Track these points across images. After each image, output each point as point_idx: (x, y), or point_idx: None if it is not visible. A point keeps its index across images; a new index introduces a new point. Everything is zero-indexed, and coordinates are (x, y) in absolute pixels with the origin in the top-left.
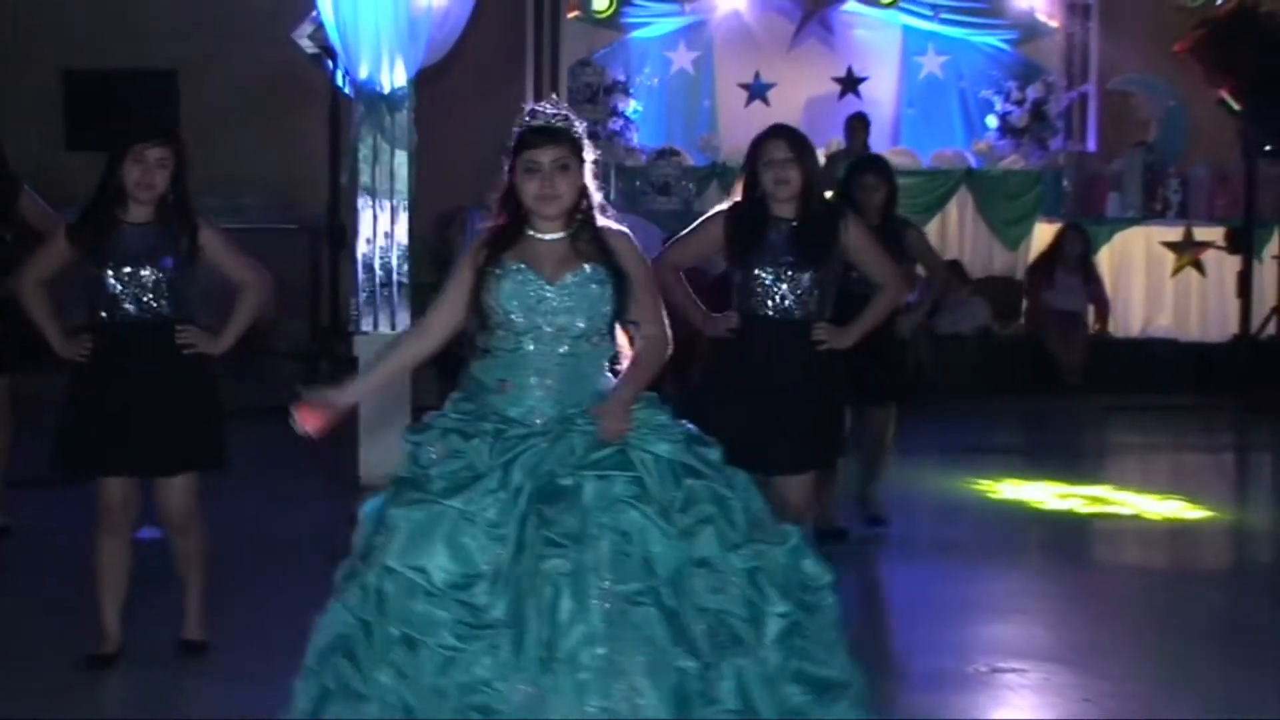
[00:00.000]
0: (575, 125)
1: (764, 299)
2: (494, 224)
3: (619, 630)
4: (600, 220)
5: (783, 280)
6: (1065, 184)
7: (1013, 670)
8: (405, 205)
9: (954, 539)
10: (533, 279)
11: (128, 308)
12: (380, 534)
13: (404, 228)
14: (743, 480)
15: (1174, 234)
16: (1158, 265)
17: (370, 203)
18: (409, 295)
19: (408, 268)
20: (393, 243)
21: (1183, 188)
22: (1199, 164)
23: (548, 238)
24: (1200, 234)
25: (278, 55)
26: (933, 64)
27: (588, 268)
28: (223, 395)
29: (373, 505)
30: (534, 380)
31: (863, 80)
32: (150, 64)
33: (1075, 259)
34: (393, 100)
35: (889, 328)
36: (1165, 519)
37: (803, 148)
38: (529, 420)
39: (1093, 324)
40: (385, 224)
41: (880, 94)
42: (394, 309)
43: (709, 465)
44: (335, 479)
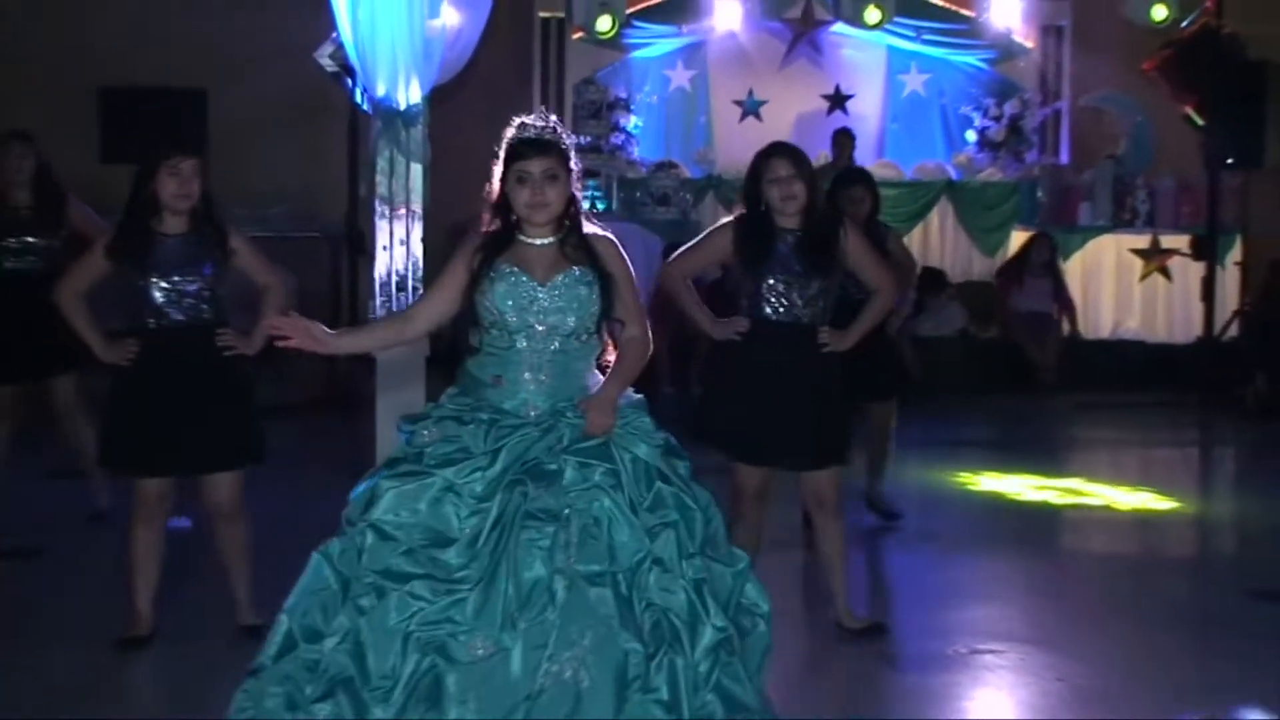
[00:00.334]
0: (563, 137)
1: (775, 306)
2: (487, 230)
3: (576, 605)
4: (586, 226)
5: (793, 288)
6: (1040, 194)
7: (991, 651)
8: (420, 215)
9: (936, 529)
10: (525, 281)
11: (174, 314)
12: (372, 505)
13: (418, 236)
14: (706, 498)
15: (1142, 241)
16: (1126, 271)
17: (387, 212)
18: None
19: (422, 273)
20: (408, 250)
21: (1150, 198)
22: (1165, 176)
23: (538, 243)
24: (1166, 241)
25: (300, 74)
26: (915, 82)
27: (576, 270)
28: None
29: (364, 484)
30: (527, 376)
31: (850, 97)
32: (182, 83)
33: (1042, 264)
34: (408, 116)
35: (883, 328)
36: (1134, 510)
37: (803, 163)
38: (522, 412)
39: (1065, 326)
40: (401, 232)
41: (866, 110)
42: None
43: (678, 476)
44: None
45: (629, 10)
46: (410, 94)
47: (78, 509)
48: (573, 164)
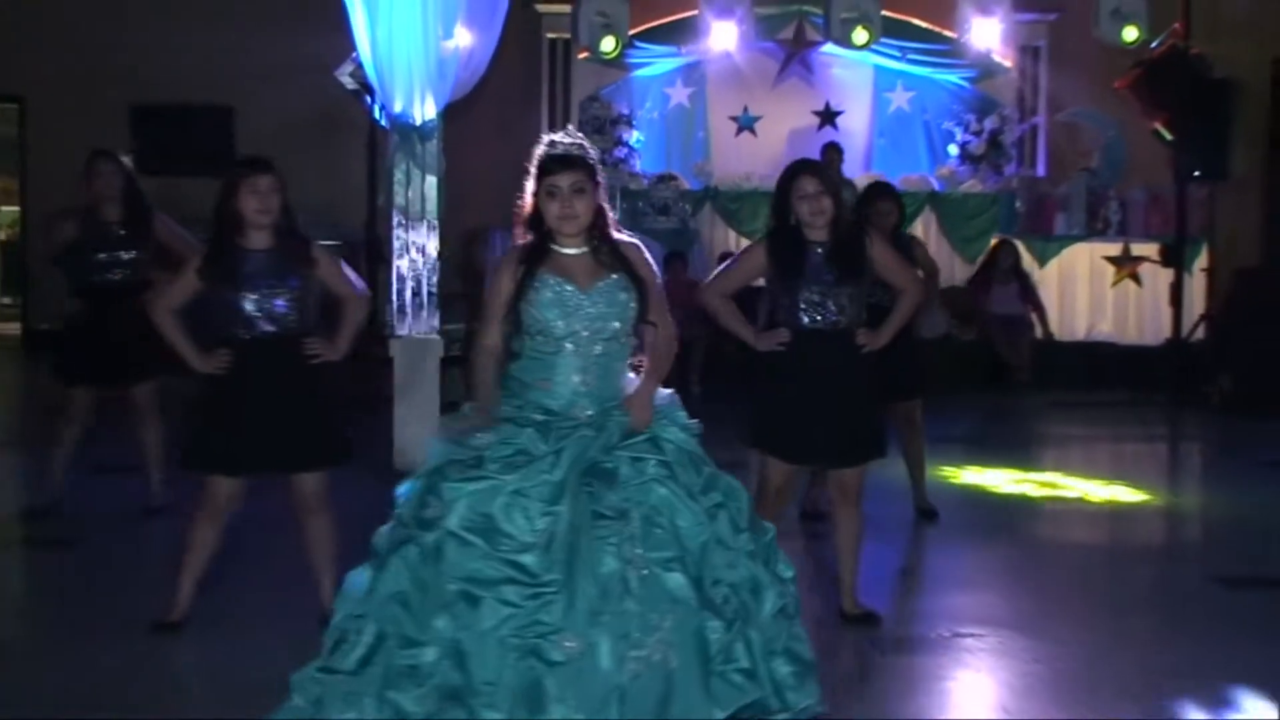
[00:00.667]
0: (589, 153)
1: (813, 314)
2: (522, 243)
3: (653, 591)
4: (614, 234)
5: (829, 296)
6: (1018, 205)
7: (971, 635)
8: (434, 224)
9: (921, 519)
10: (569, 290)
11: (263, 325)
12: (431, 506)
13: (433, 244)
14: (733, 479)
15: (1114, 249)
16: (1099, 277)
17: (404, 222)
18: (438, 303)
19: (436, 279)
20: (424, 257)
21: (1122, 208)
22: (1136, 187)
23: (572, 252)
24: (1137, 249)
25: (322, 92)
26: (901, 99)
27: (614, 276)
28: None
29: (411, 484)
30: (576, 379)
31: (839, 114)
32: (210, 100)
33: (1008, 269)
34: (423, 131)
35: (910, 328)
36: (1107, 501)
37: (828, 179)
38: (572, 413)
39: (1039, 329)
40: (417, 241)
41: (854, 125)
42: (424, 315)
43: (713, 459)
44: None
45: (631, 32)
46: (425, 110)
47: (121, 503)
48: (600, 177)
